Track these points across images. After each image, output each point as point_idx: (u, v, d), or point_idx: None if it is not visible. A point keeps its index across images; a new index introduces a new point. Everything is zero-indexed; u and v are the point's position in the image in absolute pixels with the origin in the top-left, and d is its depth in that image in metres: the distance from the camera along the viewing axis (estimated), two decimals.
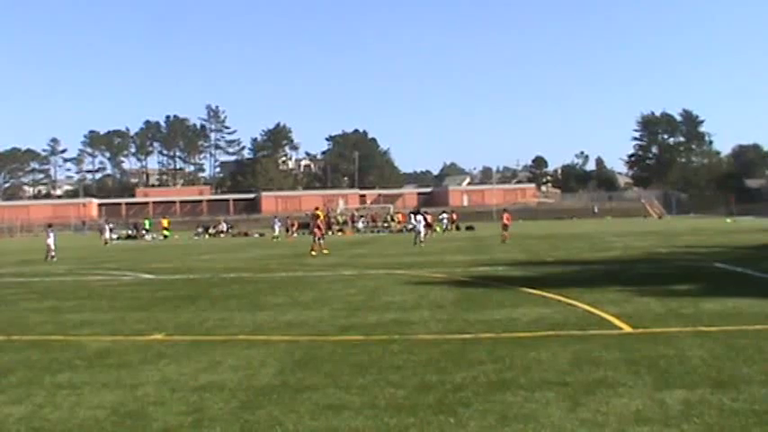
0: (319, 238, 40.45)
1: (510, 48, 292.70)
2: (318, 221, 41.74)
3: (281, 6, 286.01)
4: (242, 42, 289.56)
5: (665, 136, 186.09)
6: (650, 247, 36.87)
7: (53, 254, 41.07)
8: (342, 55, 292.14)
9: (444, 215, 74.65)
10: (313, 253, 38.56)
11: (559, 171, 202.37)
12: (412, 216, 49.76)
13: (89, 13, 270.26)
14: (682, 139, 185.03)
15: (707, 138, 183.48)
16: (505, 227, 49.70)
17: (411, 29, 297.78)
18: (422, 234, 47.43)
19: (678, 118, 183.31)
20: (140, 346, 12.24)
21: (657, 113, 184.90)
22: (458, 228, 77.06)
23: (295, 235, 74.57)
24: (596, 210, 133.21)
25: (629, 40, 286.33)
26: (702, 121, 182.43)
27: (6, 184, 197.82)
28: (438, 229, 71.07)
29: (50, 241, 41.86)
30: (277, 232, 71.20)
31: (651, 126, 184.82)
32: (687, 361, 9.78)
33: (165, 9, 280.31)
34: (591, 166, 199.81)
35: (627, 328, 12.55)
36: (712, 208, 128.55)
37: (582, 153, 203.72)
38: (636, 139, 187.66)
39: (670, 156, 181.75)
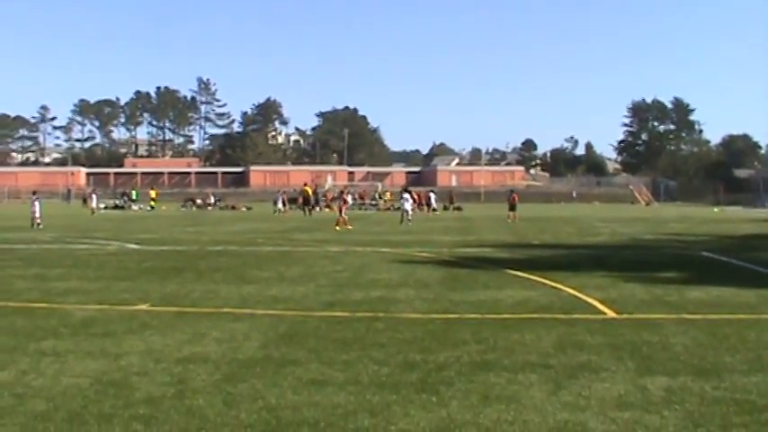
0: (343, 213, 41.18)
1: (503, 29, 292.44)
2: (344, 196, 42.42)
3: None
4: (234, 15, 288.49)
5: (656, 123, 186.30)
6: (637, 234, 36.95)
7: (39, 221, 40.91)
8: (334, 31, 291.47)
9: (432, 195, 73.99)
10: (337, 228, 38.90)
11: (549, 155, 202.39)
12: (401, 195, 50.01)
13: None
14: (672, 126, 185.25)
15: (697, 126, 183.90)
16: (512, 207, 50.11)
17: (404, 7, 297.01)
18: (409, 213, 47.48)
19: (669, 106, 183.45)
20: (125, 316, 12.24)
21: (648, 100, 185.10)
22: (445, 208, 76.91)
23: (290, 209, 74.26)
24: (575, 195, 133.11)
25: (622, 26, 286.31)
26: (693, 110, 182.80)
27: None
28: (436, 209, 71.13)
29: (36, 209, 41.70)
30: (280, 206, 70.42)
31: (642, 113, 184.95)
32: (670, 348, 9.83)
33: None
34: (580, 150, 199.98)
35: (611, 314, 12.60)
36: (700, 196, 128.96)
37: (572, 137, 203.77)
38: (626, 125, 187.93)
39: (660, 143, 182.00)
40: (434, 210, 69.12)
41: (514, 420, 6.81)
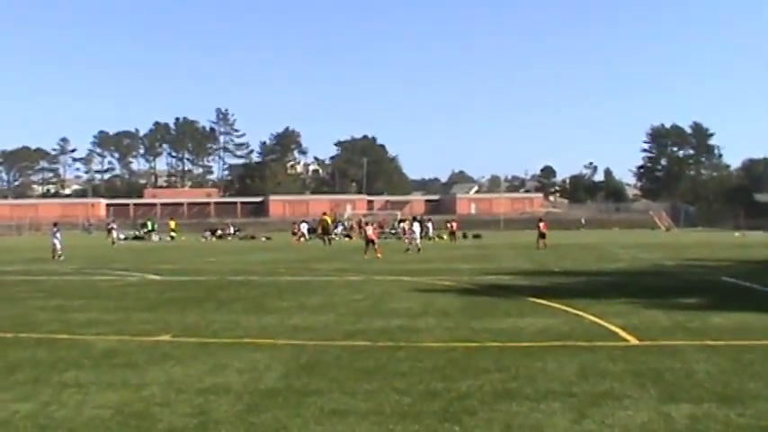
0: (372, 243, 41.35)
1: (520, 57, 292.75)
2: (374, 226, 42.92)
3: (291, 11, 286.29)
4: (252, 46, 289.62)
5: (675, 148, 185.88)
6: (657, 260, 36.80)
7: (60, 253, 41.09)
8: (351, 61, 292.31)
9: (429, 224, 72.70)
10: (378, 255, 39.07)
11: (568, 181, 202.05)
12: (413, 223, 50.58)
13: (100, 12, 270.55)
14: (691, 151, 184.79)
15: (717, 151, 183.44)
16: (543, 235, 50.30)
17: (421, 36, 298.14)
18: (417, 240, 47.80)
19: (688, 130, 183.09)
20: (147, 347, 12.26)
21: (667, 125, 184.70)
22: (464, 236, 76.67)
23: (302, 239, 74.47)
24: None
25: (639, 52, 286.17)
26: (712, 134, 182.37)
27: (16, 183, 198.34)
28: (444, 237, 70.81)
29: (56, 240, 41.87)
30: (305, 232, 70.77)
31: (661, 138, 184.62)
32: (693, 374, 9.76)
33: (176, 11, 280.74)
34: (600, 176, 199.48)
35: (633, 340, 12.53)
36: (721, 221, 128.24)
37: (591, 164, 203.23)
38: (645, 150, 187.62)
39: (679, 168, 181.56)
40: (430, 238, 68.08)
41: None
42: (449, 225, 70.96)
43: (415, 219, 53.91)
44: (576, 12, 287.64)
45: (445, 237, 71.57)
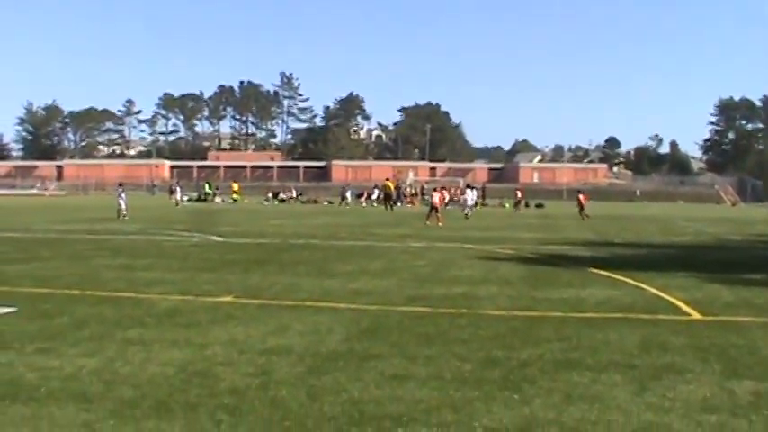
0: (436, 211, 41.04)
1: (587, 26, 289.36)
2: (438, 193, 43.39)
3: None
4: (318, 10, 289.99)
5: (743, 122, 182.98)
6: (723, 234, 36.33)
7: (124, 213, 41.59)
8: (417, 27, 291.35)
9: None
10: (440, 225, 38.61)
11: (632, 153, 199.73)
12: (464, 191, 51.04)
13: None
14: (760, 125, 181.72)
15: None
16: (581, 207, 50.08)
17: (488, 2, 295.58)
18: (469, 208, 48.02)
19: (758, 104, 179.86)
20: (209, 307, 12.40)
21: (736, 99, 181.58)
22: (527, 205, 76.21)
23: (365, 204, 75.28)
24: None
25: (710, 23, 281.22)
26: None
27: (82, 143, 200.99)
28: (507, 205, 70.54)
29: (122, 201, 42.37)
30: (349, 200, 72.94)
31: (729, 111, 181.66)
32: (757, 351, 9.63)
33: None
34: (665, 149, 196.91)
35: (696, 315, 12.39)
36: None
37: (656, 136, 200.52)
38: (712, 123, 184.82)
39: (747, 142, 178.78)
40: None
41: (598, 420, 6.73)
42: (517, 193, 70.08)
43: (468, 186, 53.87)
44: None
45: (507, 205, 71.35)
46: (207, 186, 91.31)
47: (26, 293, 13.61)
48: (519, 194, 68.71)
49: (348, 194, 76.80)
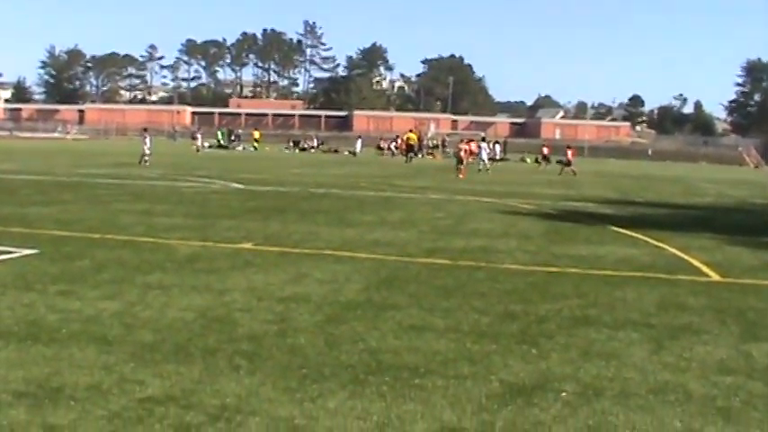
0: (463, 163, 41.46)
1: None
2: (465, 146, 44.20)
3: None
4: None
5: None
6: (745, 197, 36.13)
7: (147, 158, 41.61)
8: None
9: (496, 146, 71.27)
10: (461, 177, 38.93)
11: (656, 112, 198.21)
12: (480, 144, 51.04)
13: None
14: None
15: None
16: (568, 162, 50.22)
17: None
18: (486, 162, 48.18)
19: None
20: (229, 254, 12.46)
21: (764, 60, 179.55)
22: (548, 160, 75.47)
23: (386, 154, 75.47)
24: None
25: None
26: None
27: (104, 88, 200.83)
28: (528, 160, 70.30)
29: (146, 145, 42.41)
30: (359, 149, 73.13)
31: (756, 72, 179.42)
32: None
33: None
34: (689, 109, 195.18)
35: (716, 277, 12.36)
36: None
37: (680, 95, 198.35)
38: (738, 84, 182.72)
39: None
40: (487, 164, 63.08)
41: (614, 377, 6.75)
42: (543, 149, 69.32)
43: (483, 139, 53.80)
44: None
45: (528, 160, 71.07)
46: (219, 134, 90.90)
47: (48, 236, 13.70)
48: (546, 150, 68.05)
49: (358, 145, 76.54)
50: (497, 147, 75.08)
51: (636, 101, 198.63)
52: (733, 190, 42.41)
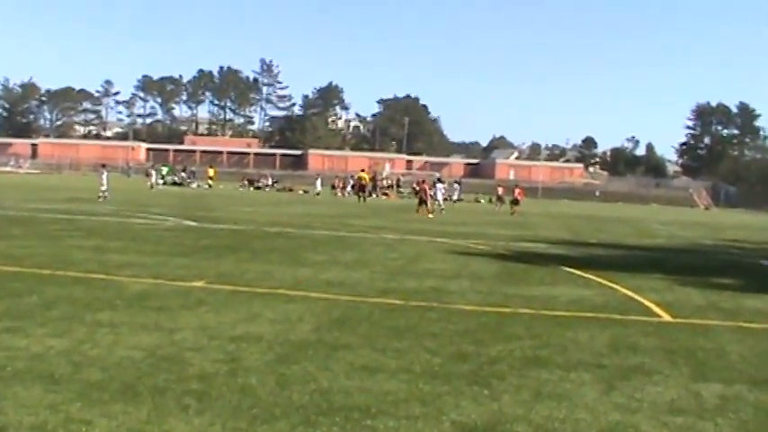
0: (425, 203, 42.66)
1: (567, 25, 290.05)
2: (425, 185, 45.07)
3: None
4: None
5: (719, 127, 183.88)
6: (695, 238, 36.56)
7: (106, 194, 41.49)
8: (398, 19, 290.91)
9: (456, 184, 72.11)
10: (430, 216, 39.98)
11: (608, 153, 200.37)
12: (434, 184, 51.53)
13: None
14: (735, 131, 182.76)
15: (761, 132, 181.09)
16: (516, 201, 51.24)
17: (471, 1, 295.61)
18: (440, 202, 48.47)
19: (734, 110, 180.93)
20: (181, 292, 12.35)
21: (713, 104, 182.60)
22: (502, 201, 75.59)
23: (339, 194, 75.45)
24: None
25: (688, 28, 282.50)
26: (759, 115, 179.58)
27: (58, 122, 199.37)
28: (482, 200, 70.77)
29: (103, 181, 42.37)
30: (319, 189, 73.01)
31: (705, 116, 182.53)
32: (725, 355, 9.71)
33: None
34: (641, 151, 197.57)
35: (666, 317, 12.46)
36: (762, 204, 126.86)
37: (633, 137, 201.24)
38: (689, 127, 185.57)
39: (722, 147, 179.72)
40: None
41: (566, 418, 6.76)
42: (498, 190, 69.70)
43: (438, 179, 54.18)
44: None
45: (483, 200, 71.52)
46: (164, 169, 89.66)
47: None
48: (501, 191, 68.46)
49: (318, 183, 76.81)
50: (457, 186, 75.66)
51: (589, 142, 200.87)
52: (684, 231, 42.91)
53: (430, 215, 40.02)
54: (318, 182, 77.48)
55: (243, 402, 6.71)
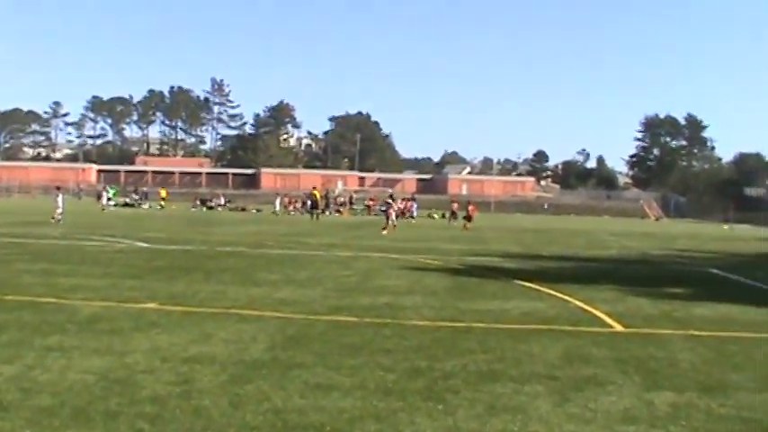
0: (390, 218, 43.38)
1: (516, 41, 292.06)
2: (391, 201, 46.12)
3: None
4: (249, 17, 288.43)
5: (668, 138, 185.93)
6: (646, 249, 36.89)
7: (60, 217, 41.29)
8: (348, 36, 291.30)
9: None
10: (384, 232, 40.12)
11: (560, 167, 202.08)
12: (385, 201, 51.93)
13: None
14: (684, 142, 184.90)
15: (709, 143, 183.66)
16: (469, 218, 52.37)
17: (418, 14, 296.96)
18: (393, 219, 48.57)
19: (682, 122, 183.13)
20: (132, 314, 12.25)
21: (662, 116, 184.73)
22: (455, 216, 76.15)
23: (293, 212, 75.28)
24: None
25: (637, 41, 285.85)
26: (706, 127, 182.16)
27: (6, 145, 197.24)
28: (435, 216, 71.15)
29: (58, 204, 42.23)
30: (278, 208, 72.33)
31: (654, 128, 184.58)
32: (677, 364, 9.82)
33: None
34: (592, 163, 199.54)
35: (618, 327, 12.58)
36: (710, 214, 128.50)
37: (583, 150, 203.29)
38: (638, 140, 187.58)
39: (671, 159, 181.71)
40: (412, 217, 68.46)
41: (520, 431, 6.80)
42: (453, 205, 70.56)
43: (390, 196, 54.46)
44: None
45: (436, 216, 71.77)
46: (111, 191, 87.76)
47: None
48: (455, 206, 68.93)
49: (278, 202, 76.20)
50: (414, 203, 75.95)
51: (540, 156, 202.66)
52: (634, 242, 43.28)
53: (392, 231, 40.11)
54: (278, 201, 76.69)
55: (196, 424, 6.67)
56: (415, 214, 47.92)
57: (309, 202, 64.84)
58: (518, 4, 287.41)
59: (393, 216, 48.20)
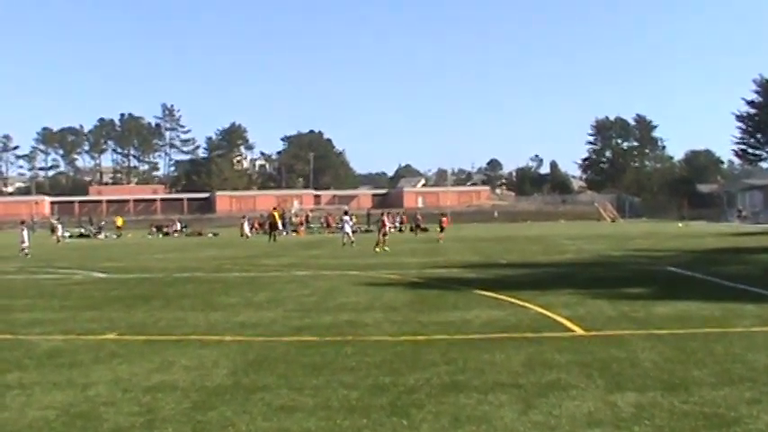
0: (384, 235, 43.43)
1: (465, 51, 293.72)
2: (384, 219, 45.88)
3: (236, 6, 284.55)
4: (197, 41, 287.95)
5: (619, 140, 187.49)
6: (603, 251, 37.17)
7: (27, 251, 41.25)
8: (297, 55, 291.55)
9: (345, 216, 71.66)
10: (377, 249, 40.40)
11: (514, 174, 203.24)
12: (341, 218, 51.99)
13: (42, 7, 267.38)
14: (635, 143, 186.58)
15: (660, 143, 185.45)
16: (442, 229, 54.21)
17: (367, 30, 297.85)
18: (350, 234, 49.37)
19: (632, 123, 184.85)
20: (92, 346, 12.12)
21: (612, 118, 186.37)
22: (411, 229, 76.48)
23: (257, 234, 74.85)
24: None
25: (583, 46, 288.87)
26: (656, 127, 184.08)
27: None
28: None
29: (24, 238, 42.51)
30: (247, 231, 70.93)
31: (605, 130, 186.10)
32: (639, 364, 9.87)
33: (119, 6, 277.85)
34: (545, 169, 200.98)
35: (579, 331, 12.64)
36: (665, 212, 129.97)
37: (536, 156, 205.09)
38: (590, 143, 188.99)
39: (623, 160, 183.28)
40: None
41: None
42: (403, 218, 71.04)
43: (345, 213, 54.53)
44: (519, 6, 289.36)
45: (392, 230, 71.87)
46: (60, 226, 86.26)
47: None
48: (419, 218, 69.40)
49: (246, 226, 73.58)
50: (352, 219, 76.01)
51: (494, 164, 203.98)
52: (591, 245, 43.59)
53: (377, 249, 40.68)
54: (246, 223, 73.85)
55: None
56: (347, 230, 47.98)
57: (268, 224, 64.44)
58: (466, 15, 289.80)
59: (348, 230, 48.40)
